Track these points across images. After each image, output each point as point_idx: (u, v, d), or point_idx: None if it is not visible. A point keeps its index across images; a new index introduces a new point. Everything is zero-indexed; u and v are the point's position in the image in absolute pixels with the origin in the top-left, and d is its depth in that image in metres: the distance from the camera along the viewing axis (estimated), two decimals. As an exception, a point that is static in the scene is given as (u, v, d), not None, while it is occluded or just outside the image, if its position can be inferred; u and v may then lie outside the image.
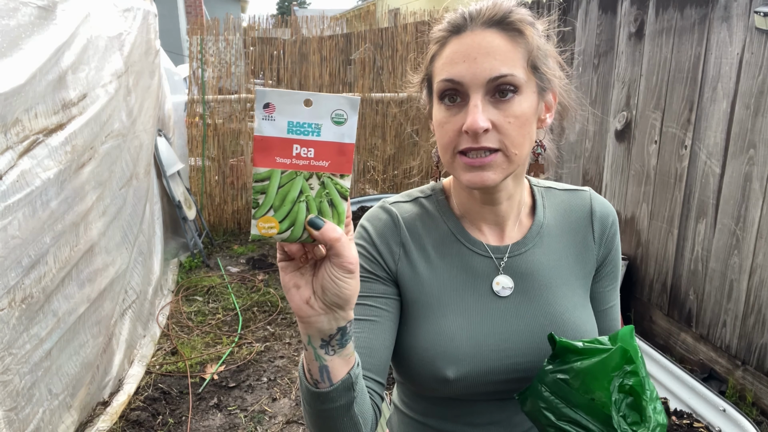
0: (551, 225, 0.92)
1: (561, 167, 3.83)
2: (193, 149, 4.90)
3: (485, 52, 0.77)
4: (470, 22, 0.79)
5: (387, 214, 0.91)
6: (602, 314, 0.94)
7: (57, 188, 2.06)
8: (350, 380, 0.69)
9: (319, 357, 0.66)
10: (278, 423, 2.54)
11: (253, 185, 0.57)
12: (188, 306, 3.65)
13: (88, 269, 2.35)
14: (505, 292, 0.87)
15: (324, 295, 0.60)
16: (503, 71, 0.76)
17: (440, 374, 0.83)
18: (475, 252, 0.89)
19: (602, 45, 3.31)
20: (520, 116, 0.78)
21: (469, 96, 0.77)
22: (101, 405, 2.51)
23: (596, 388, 0.71)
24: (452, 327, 0.84)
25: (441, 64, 0.81)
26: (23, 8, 1.93)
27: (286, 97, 0.55)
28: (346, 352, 0.67)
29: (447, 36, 0.81)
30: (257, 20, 5.32)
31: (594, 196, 0.95)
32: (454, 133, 0.79)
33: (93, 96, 2.43)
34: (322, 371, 0.66)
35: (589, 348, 0.74)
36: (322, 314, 0.62)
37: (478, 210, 0.89)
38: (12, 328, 1.81)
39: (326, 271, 0.59)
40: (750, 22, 2.35)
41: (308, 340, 0.65)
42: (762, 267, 2.38)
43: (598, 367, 0.72)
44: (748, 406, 2.44)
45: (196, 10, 13.36)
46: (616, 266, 0.95)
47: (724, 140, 2.52)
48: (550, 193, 0.96)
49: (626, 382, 0.70)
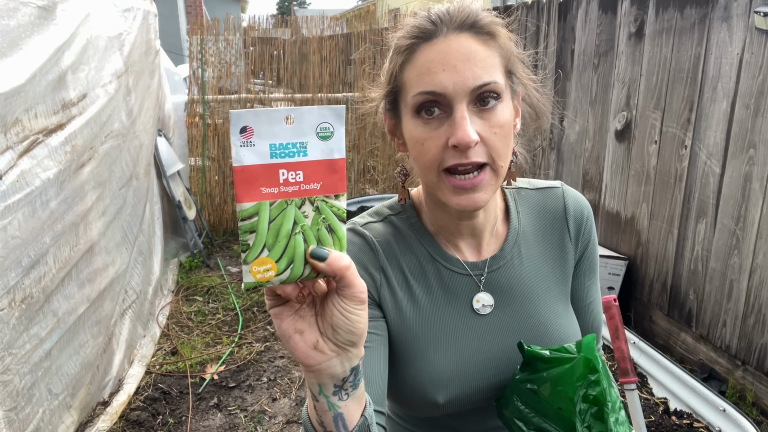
0: (527, 231, 0.89)
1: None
2: (193, 149, 4.90)
3: (464, 59, 0.71)
4: (441, 27, 0.73)
5: (360, 238, 0.85)
6: (584, 310, 0.93)
7: (57, 188, 2.06)
8: (366, 423, 0.62)
9: (333, 405, 0.58)
10: (278, 423, 2.54)
11: (240, 225, 0.49)
12: (188, 306, 3.65)
13: (87, 269, 2.35)
14: (486, 309, 0.85)
15: (335, 335, 0.54)
16: (486, 79, 0.71)
17: (430, 399, 0.81)
18: (453, 271, 0.85)
19: (602, 45, 3.31)
20: (504, 125, 0.73)
21: (452, 107, 0.71)
22: (101, 405, 2.51)
23: (562, 398, 0.71)
24: (436, 353, 0.82)
25: (414, 74, 0.74)
26: (23, 8, 1.93)
27: (264, 117, 0.48)
28: (359, 393, 0.60)
29: (415, 43, 0.74)
30: (257, 20, 5.32)
31: (567, 193, 0.91)
32: (438, 149, 0.72)
33: (93, 96, 2.43)
34: (337, 420, 0.59)
35: (555, 357, 0.74)
36: (333, 357, 0.55)
37: (453, 225, 0.85)
38: (12, 328, 1.81)
39: (335, 307, 0.53)
40: (750, 22, 2.35)
41: (319, 390, 0.57)
42: (762, 267, 2.38)
43: (563, 377, 0.71)
44: (748, 406, 2.44)
45: (196, 10, 13.36)
46: (593, 261, 0.93)
47: (724, 140, 2.52)
48: (522, 194, 0.92)
49: (590, 392, 0.70)
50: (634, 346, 2.77)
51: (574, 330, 0.88)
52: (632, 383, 1.52)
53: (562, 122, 3.75)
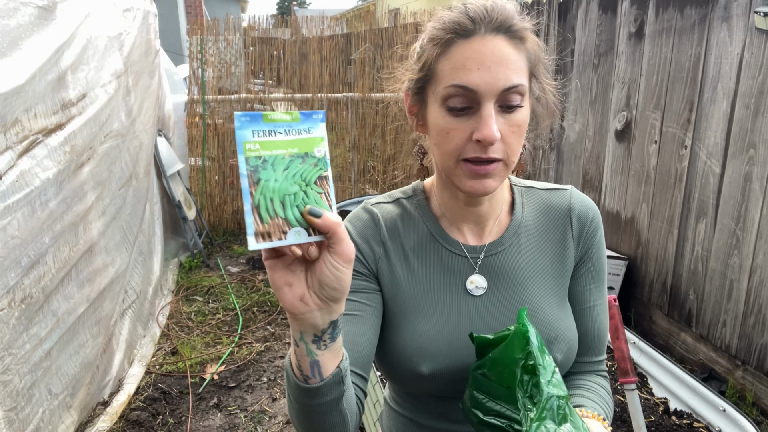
0: (529, 224, 0.93)
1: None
2: (193, 149, 4.90)
3: (498, 61, 0.76)
4: (479, 26, 0.77)
5: (368, 215, 0.92)
6: (582, 313, 0.93)
7: (56, 188, 2.06)
8: (340, 374, 0.69)
9: (311, 352, 0.66)
10: (278, 423, 2.54)
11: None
12: (188, 306, 3.65)
13: (87, 269, 2.35)
14: (478, 291, 0.89)
15: (321, 290, 0.61)
16: (515, 81, 0.76)
17: (415, 370, 0.85)
18: (452, 252, 0.90)
19: (602, 45, 3.31)
20: (521, 125, 0.79)
21: (480, 104, 0.76)
22: (101, 405, 2.51)
23: (508, 376, 0.72)
24: (427, 325, 0.86)
25: (450, 68, 0.78)
26: (23, 8, 1.93)
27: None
28: (336, 346, 0.68)
29: (452, 37, 0.78)
30: (257, 20, 5.32)
31: (574, 194, 0.95)
32: (462, 141, 0.78)
33: (92, 96, 2.43)
34: (313, 366, 0.67)
35: (498, 337, 0.75)
36: (315, 310, 0.62)
37: (459, 210, 0.90)
38: (12, 328, 1.81)
39: (325, 264, 0.59)
40: (750, 22, 2.34)
41: (300, 336, 0.65)
42: (762, 267, 2.38)
43: (505, 353, 0.72)
44: (748, 406, 2.44)
45: (196, 10, 13.36)
46: (597, 265, 0.93)
47: (724, 140, 2.52)
48: (531, 192, 0.96)
49: (529, 362, 0.71)
50: (634, 346, 2.77)
51: (568, 324, 0.89)
52: (632, 383, 1.52)
53: (563, 122, 3.75)
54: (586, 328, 0.93)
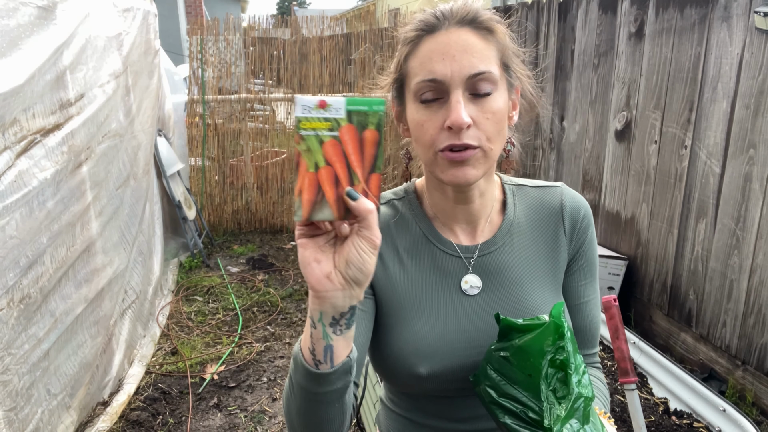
0: (521, 222, 0.93)
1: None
2: (193, 149, 4.90)
3: (462, 50, 0.78)
4: (444, 21, 0.81)
5: None
6: (576, 309, 0.95)
7: (53, 188, 2.06)
8: (349, 364, 0.70)
9: (327, 335, 0.67)
10: (278, 423, 2.54)
11: None
12: (188, 306, 3.65)
13: (85, 269, 2.35)
14: (473, 291, 0.89)
15: (347, 269, 0.63)
16: (481, 68, 0.78)
17: (413, 371, 0.85)
18: (446, 252, 0.91)
19: (602, 45, 3.31)
20: (496, 112, 0.80)
21: (449, 93, 0.78)
22: (101, 405, 2.51)
23: (532, 364, 0.72)
24: (424, 326, 0.87)
25: (418, 63, 0.81)
26: (23, 8, 1.92)
27: None
28: (350, 334, 0.69)
29: (420, 35, 0.82)
30: (257, 20, 5.32)
31: (566, 191, 0.95)
32: (435, 131, 0.79)
33: (90, 96, 2.43)
34: (327, 351, 0.68)
35: (527, 324, 0.75)
36: (339, 290, 0.64)
37: (450, 209, 0.91)
38: (11, 328, 1.81)
39: (353, 244, 0.62)
40: (750, 22, 2.34)
41: (320, 317, 0.66)
42: (762, 267, 2.37)
43: (533, 343, 0.73)
44: (748, 406, 2.44)
45: (196, 10, 13.36)
46: (589, 261, 0.95)
47: (724, 140, 2.52)
48: (522, 190, 0.97)
49: (557, 357, 0.72)
50: (634, 346, 2.77)
51: None
52: (632, 383, 1.52)
53: (563, 122, 3.75)
54: (581, 323, 0.95)
